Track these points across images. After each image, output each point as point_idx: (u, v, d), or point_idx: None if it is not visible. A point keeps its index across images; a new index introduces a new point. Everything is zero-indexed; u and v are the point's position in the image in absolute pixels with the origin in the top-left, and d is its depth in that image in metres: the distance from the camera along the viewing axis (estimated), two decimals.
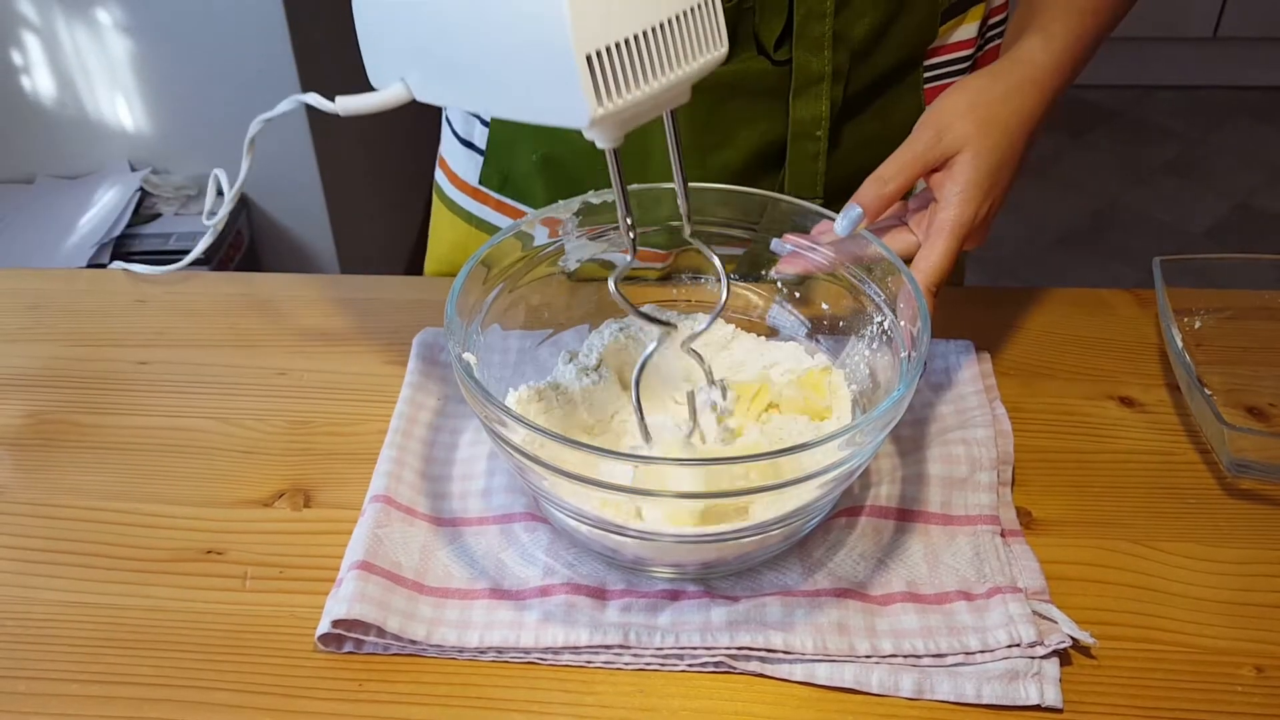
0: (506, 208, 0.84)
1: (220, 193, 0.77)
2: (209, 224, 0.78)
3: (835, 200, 0.67)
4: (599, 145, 0.51)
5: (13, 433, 0.71)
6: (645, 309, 0.61)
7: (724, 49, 0.53)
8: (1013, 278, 2.29)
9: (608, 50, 0.47)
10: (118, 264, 0.85)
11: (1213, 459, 0.68)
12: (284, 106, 0.64)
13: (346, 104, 0.59)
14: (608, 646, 0.56)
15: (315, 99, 0.61)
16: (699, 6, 0.51)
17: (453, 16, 0.52)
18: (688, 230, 0.60)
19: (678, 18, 0.50)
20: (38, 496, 0.67)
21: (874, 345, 0.65)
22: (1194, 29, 2.71)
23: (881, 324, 0.64)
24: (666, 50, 0.50)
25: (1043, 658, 0.55)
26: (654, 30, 0.49)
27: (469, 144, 0.84)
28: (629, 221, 0.56)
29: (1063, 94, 0.68)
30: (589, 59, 0.47)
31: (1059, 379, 0.74)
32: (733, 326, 0.71)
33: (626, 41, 0.48)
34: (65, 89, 1.67)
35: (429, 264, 0.93)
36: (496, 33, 0.50)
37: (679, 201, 0.59)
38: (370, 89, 0.59)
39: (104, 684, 0.56)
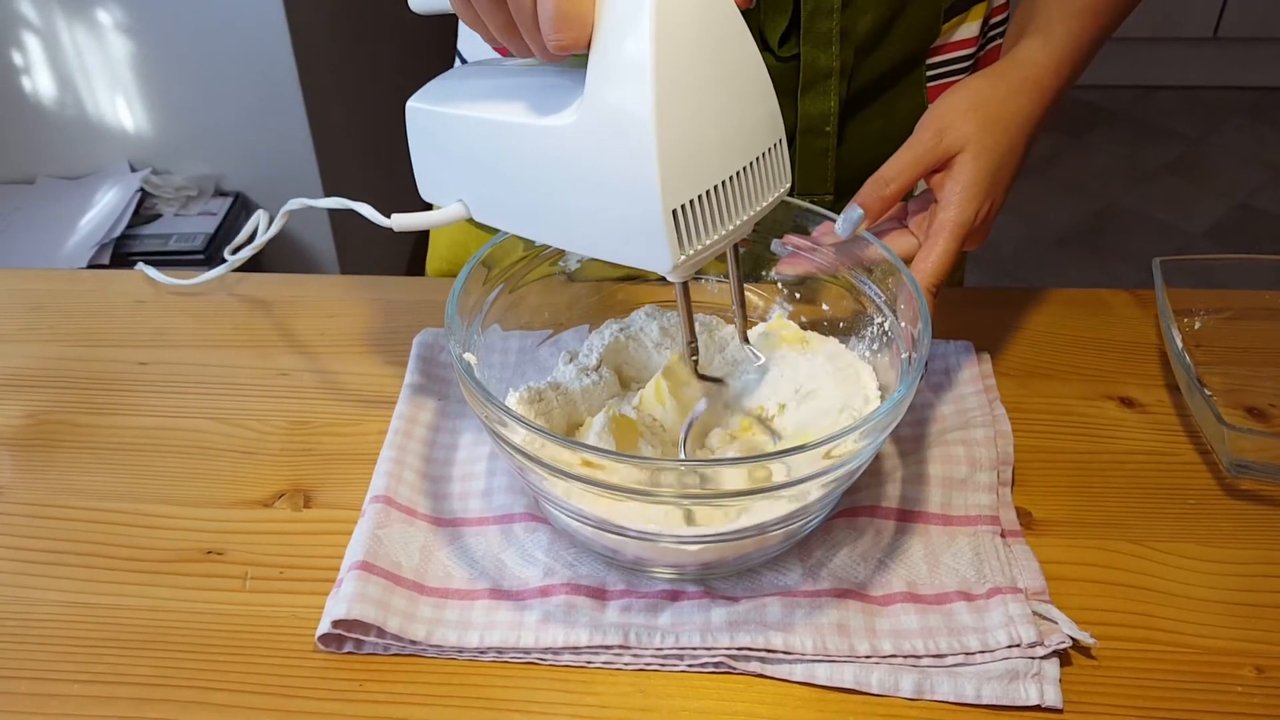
0: None
1: (252, 236, 0.77)
2: (230, 258, 0.78)
3: (840, 197, 0.67)
4: (671, 280, 0.54)
5: (13, 433, 0.71)
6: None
7: (788, 183, 0.55)
8: (1013, 278, 2.29)
9: (691, 204, 0.49)
10: (141, 266, 0.85)
11: (1213, 459, 0.68)
12: (331, 204, 0.65)
13: (402, 221, 0.60)
14: (608, 647, 0.56)
15: (369, 211, 0.62)
16: (770, 149, 0.53)
17: (525, 153, 0.53)
18: (740, 339, 0.63)
19: (752, 164, 0.52)
20: (38, 497, 0.67)
21: (874, 346, 0.65)
22: (1194, 29, 2.71)
23: (882, 325, 0.64)
24: (742, 194, 0.52)
25: (1043, 658, 0.55)
26: (731, 179, 0.51)
27: None
28: (694, 345, 0.60)
29: (1064, 95, 0.68)
30: (674, 213, 0.49)
31: (1059, 379, 0.74)
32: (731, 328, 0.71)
33: (707, 193, 0.50)
34: (65, 89, 1.67)
35: (430, 263, 0.93)
36: (575, 178, 0.52)
37: (736, 322, 0.62)
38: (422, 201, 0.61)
39: (104, 684, 0.56)
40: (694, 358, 0.60)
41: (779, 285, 0.71)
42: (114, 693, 0.55)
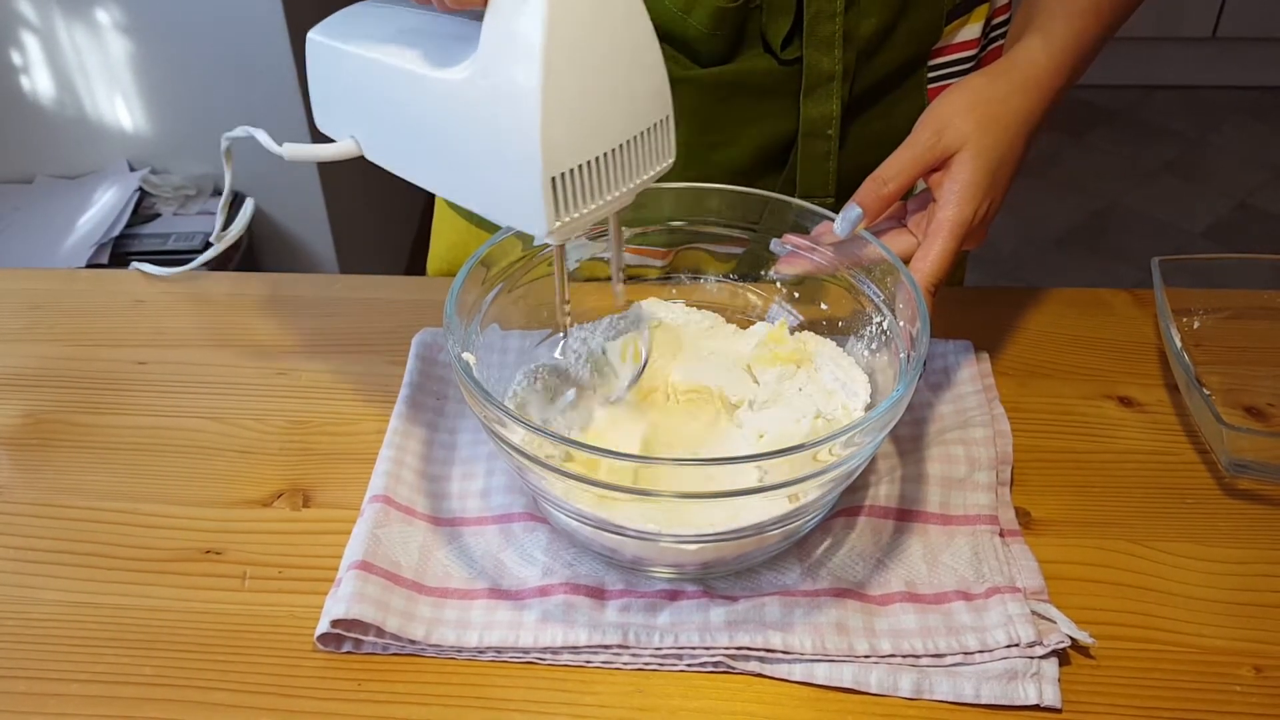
0: None
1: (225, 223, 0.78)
2: (215, 244, 0.78)
3: (842, 199, 0.67)
4: (547, 243, 0.54)
5: (12, 433, 0.71)
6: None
7: (672, 159, 0.55)
8: (1012, 278, 2.29)
9: (570, 173, 0.50)
10: (136, 265, 0.85)
11: (1211, 459, 0.68)
12: (236, 133, 0.66)
13: (293, 150, 0.61)
14: (606, 646, 0.56)
15: (264, 138, 0.63)
16: (655, 125, 0.53)
17: (415, 101, 0.54)
18: (618, 303, 0.64)
19: (637, 137, 0.52)
20: (37, 496, 0.67)
21: (873, 346, 0.65)
22: (1193, 29, 2.71)
23: (880, 324, 0.64)
24: (623, 167, 0.52)
25: (1041, 658, 0.55)
26: (613, 151, 0.51)
27: None
28: (566, 307, 0.60)
29: (1064, 94, 0.68)
30: (553, 181, 0.49)
31: (1058, 379, 0.74)
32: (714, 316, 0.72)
33: (588, 163, 0.50)
34: (65, 89, 1.67)
35: (430, 263, 0.93)
36: (460, 133, 0.52)
37: (614, 285, 0.63)
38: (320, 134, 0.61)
39: (104, 684, 0.56)
40: (567, 318, 0.61)
41: (778, 285, 0.71)
42: (113, 692, 0.55)
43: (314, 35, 0.58)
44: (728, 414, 0.65)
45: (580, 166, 0.50)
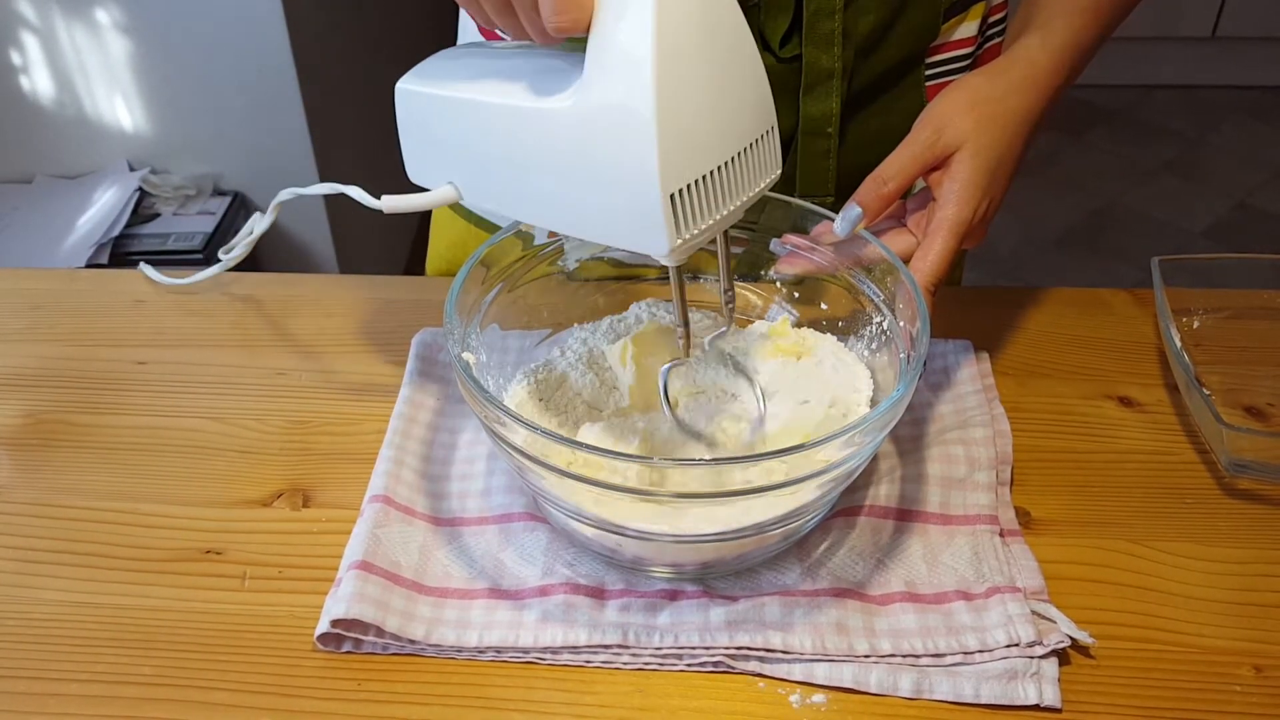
0: None
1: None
2: (224, 258, 0.78)
3: (841, 198, 0.67)
4: (666, 264, 0.54)
5: (12, 433, 0.71)
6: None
7: (779, 169, 0.56)
8: (1012, 278, 2.29)
9: (688, 188, 0.50)
10: (144, 267, 0.85)
11: (1211, 459, 0.68)
12: (323, 189, 0.66)
13: (392, 203, 0.61)
14: (606, 646, 0.56)
15: (360, 194, 0.63)
16: (764, 135, 0.54)
17: (519, 136, 0.53)
18: (727, 322, 0.63)
19: (747, 148, 0.53)
20: (37, 496, 0.67)
21: (873, 346, 0.65)
22: (1192, 29, 2.72)
23: (880, 324, 0.64)
24: (737, 179, 0.52)
25: (1041, 657, 0.55)
26: (727, 164, 0.51)
27: None
28: (683, 330, 0.59)
29: (1063, 93, 0.68)
30: (672, 198, 0.49)
31: (1058, 379, 0.74)
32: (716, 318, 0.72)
33: (705, 177, 0.50)
34: (64, 89, 1.67)
35: (430, 263, 0.93)
36: (571, 161, 0.52)
37: (723, 308, 0.62)
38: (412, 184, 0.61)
39: (104, 684, 0.56)
40: (683, 341, 0.60)
41: (778, 285, 0.71)
42: (113, 692, 0.55)
43: (404, 85, 0.58)
44: (732, 407, 0.65)
45: (697, 181, 0.50)
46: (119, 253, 1.63)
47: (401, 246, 2.23)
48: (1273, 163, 2.59)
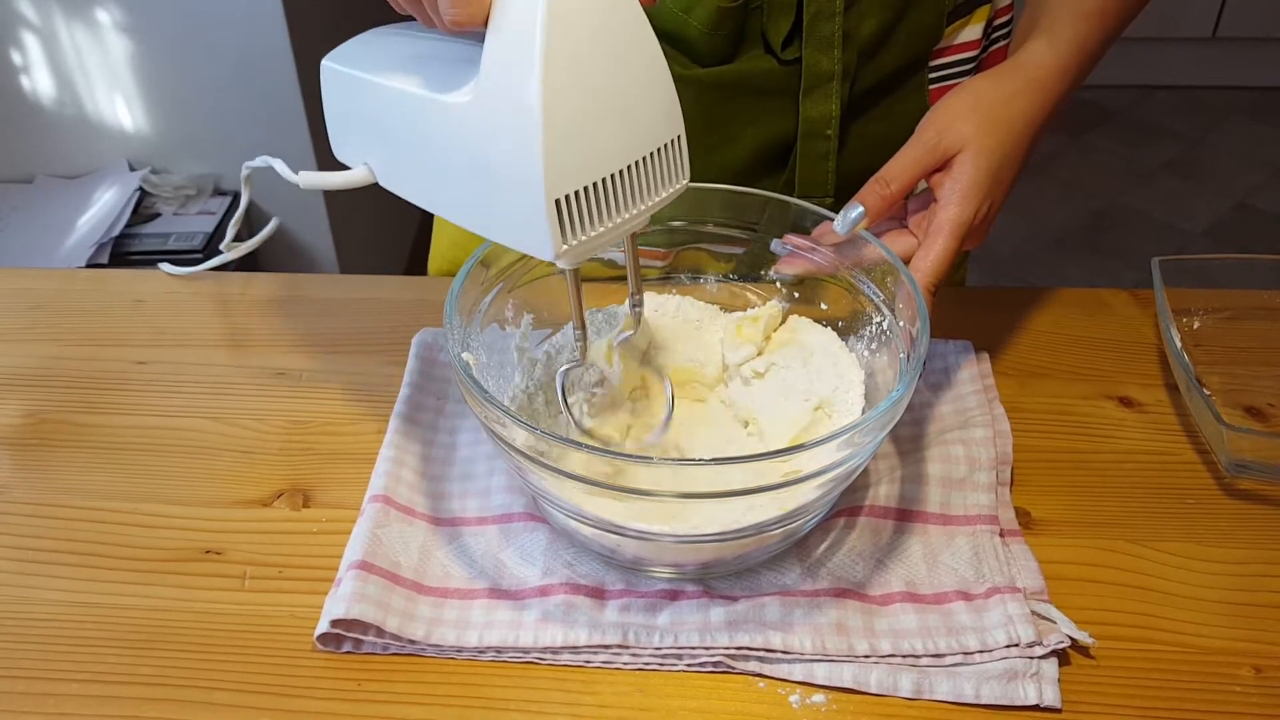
0: None
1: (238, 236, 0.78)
2: (226, 251, 0.78)
3: (840, 200, 0.67)
4: (558, 266, 0.53)
5: (12, 432, 0.71)
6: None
7: (686, 180, 0.54)
8: (1012, 278, 2.29)
9: (576, 195, 0.49)
10: (165, 266, 0.85)
11: (1211, 459, 0.68)
12: (256, 163, 0.66)
13: (309, 179, 0.61)
14: (606, 646, 0.56)
15: (281, 166, 0.63)
16: (665, 146, 0.52)
17: (423, 126, 0.53)
18: (634, 325, 0.63)
19: (645, 158, 0.51)
20: (37, 496, 0.67)
21: (873, 346, 0.65)
22: (1193, 29, 2.72)
23: (880, 324, 0.64)
24: (632, 189, 0.51)
25: (1041, 658, 0.55)
26: (621, 173, 0.50)
27: None
28: (580, 333, 0.59)
29: (1069, 97, 0.68)
30: (557, 203, 0.48)
31: (1058, 379, 0.74)
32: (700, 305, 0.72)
33: (594, 185, 0.49)
34: (65, 89, 1.67)
35: (432, 262, 0.93)
36: (467, 156, 0.51)
37: (630, 310, 0.62)
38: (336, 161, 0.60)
39: (104, 684, 0.56)
40: (580, 343, 0.60)
41: (778, 285, 0.71)
42: (113, 692, 0.55)
43: (328, 62, 0.58)
44: (710, 390, 0.65)
45: (586, 188, 0.49)
46: (119, 253, 1.63)
47: (401, 246, 2.23)
48: (1273, 163, 2.59)
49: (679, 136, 0.53)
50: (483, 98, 0.49)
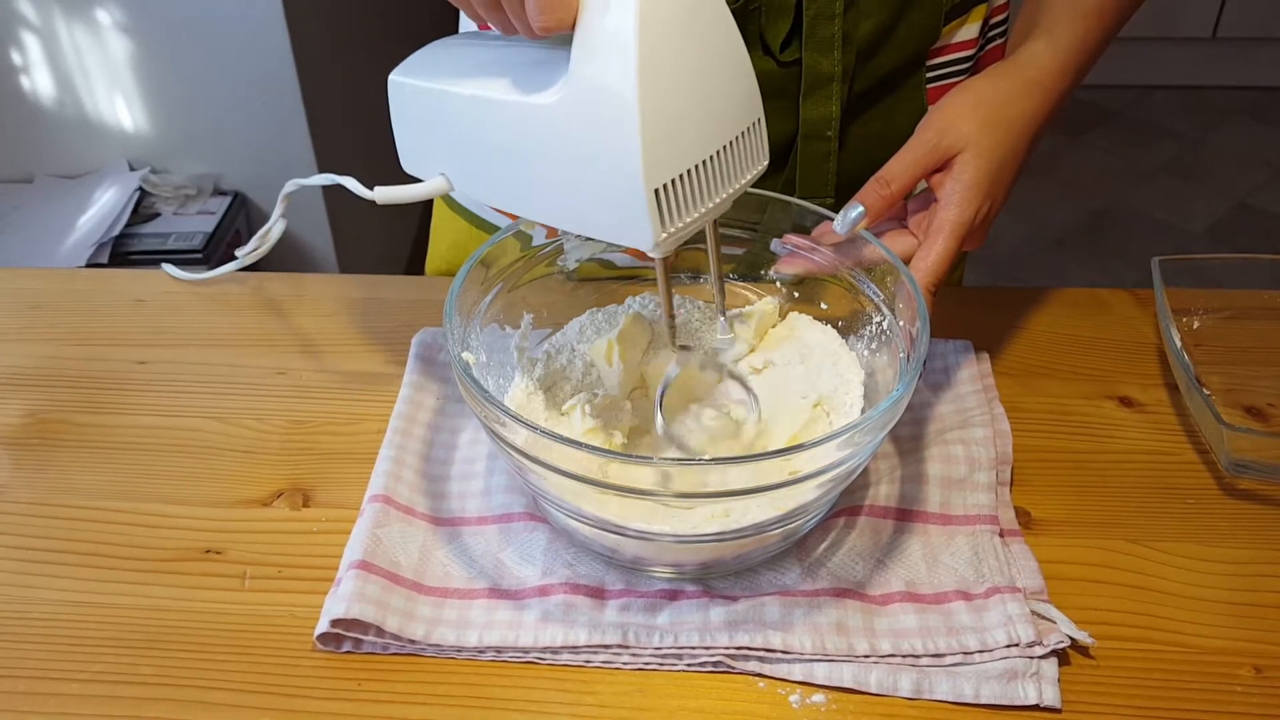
0: None
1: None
2: (240, 255, 0.78)
3: (842, 201, 0.67)
4: (653, 256, 0.54)
5: (12, 432, 0.71)
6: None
7: (765, 161, 0.56)
8: (1012, 278, 2.29)
9: (673, 183, 0.50)
10: (168, 267, 0.85)
11: (1211, 459, 0.68)
12: (321, 180, 0.66)
13: (385, 194, 0.61)
14: (606, 646, 0.56)
15: (353, 184, 0.63)
16: (750, 129, 0.54)
17: (509, 130, 0.53)
18: (719, 311, 0.63)
19: (732, 142, 0.53)
20: (37, 496, 0.67)
21: (873, 346, 0.65)
22: (1193, 29, 2.72)
23: (880, 324, 0.64)
24: (722, 172, 0.53)
25: (1041, 658, 0.55)
26: (712, 157, 0.52)
27: None
28: (669, 321, 0.59)
29: (1068, 97, 0.68)
30: (656, 192, 0.49)
31: (1058, 379, 0.74)
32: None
33: (690, 171, 0.51)
34: (65, 89, 1.67)
35: (430, 263, 0.93)
36: (558, 155, 0.52)
37: (715, 297, 0.62)
38: (406, 174, 0.60)
39: (104, 684, 0.56)
40: (671, 331, 0.60)
41: (778, 285, 0.71)
42: (113, 692, 0.55)
43: (396, 76, 0.58)
44: (711, 390, 0.65)
45: (682, 175, 0.50)
46: (119, 252, 1.63)
47: (401, 246, 2.23)
48: (1273, 163, 2.59)
49: (759, 119, 0.54)
50: (573, 95, 0.50)
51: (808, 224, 0.67)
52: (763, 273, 0.70)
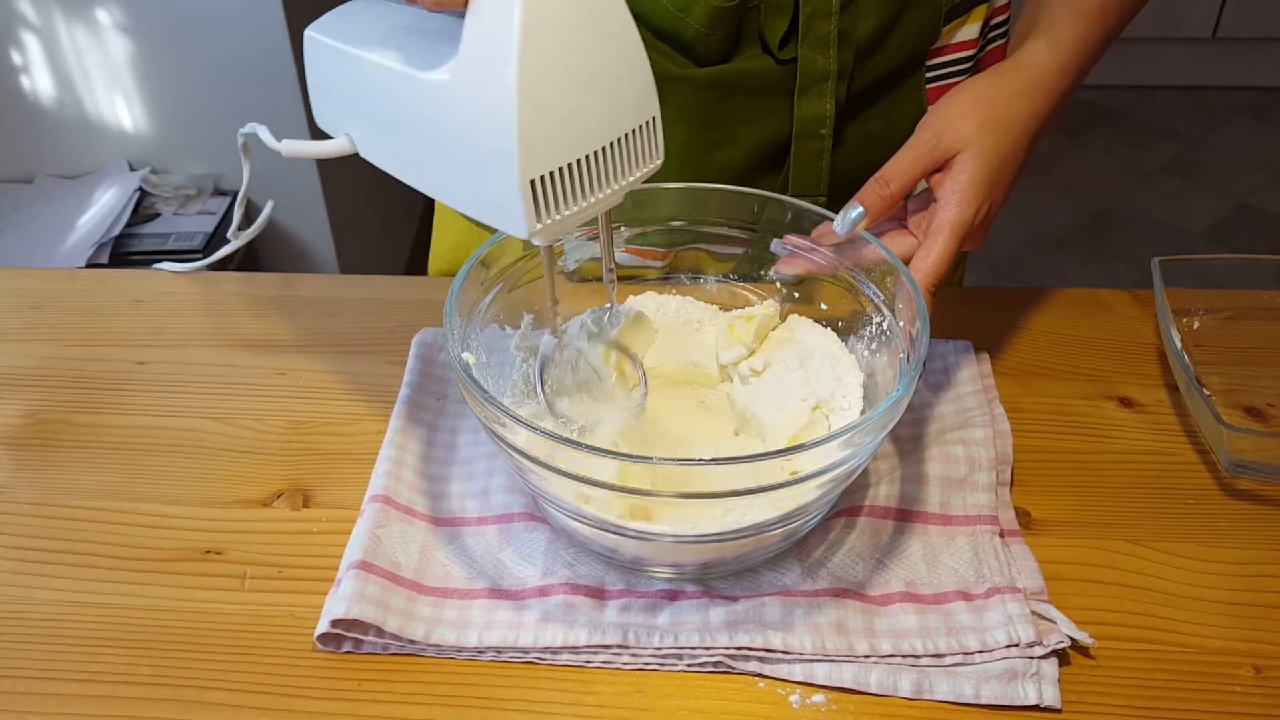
0: None
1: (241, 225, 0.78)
2: (233, 240, 0.78)
3: (837, 200, 0.67)
4: (534, 244, 0.54)
5: (11, 432, 0.71)
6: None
7: (659, 160, 0.55)
8: (1012, 278, 2.29)
9: (550, 175, 0.50)
10: (166, 265, 0.85)
11: (1211, 459, 0.68)
12: (246, 130, 0.67)
13: (291, 147, 0.61)
14: (606, 646, 0.56)
15: (265, 134, 0.63)
16: (641, 127, 0.53)
17: (403, 101, 0.53)
18: (609, 300, 0.64)
19: (619, 140, 0.52)
20: (37, 496, 0.67)
21: (873, 346, 0.65)
22: (1193, 29, 2.72)
23: (880, 324, 0.64)
24: (606, 169, 0.52)
25: (1041, 658, 0.55)
26: (595, 154, 0.51)
27: None
28: (553, 305, 0.60)
29: (1069, 97, 0.68)
30: (531, 184, 0.49)
31: (1058, 379, 0.74)
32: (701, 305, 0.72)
33: (569, 166, 0.50)
34: (65, 89, 1.67)
35: (432, 263, 0.93)
36: (445, 133, 0.52)
37: (607, 288, 0.62)
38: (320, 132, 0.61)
39: (104, 684, 0.56)
40: (555, 318, 0.61)
41: (778, 285, 0.71)
42: (113, 692, 0.55)
43: (311, 32, 0.59)
44: (711, 390, 0.65)
45: (561, 169, 0.50)
46: (119, 252, 1.63)
47: (401, 246, 2.23)
48: (1273, 163, 2.59)
49: (654, 118, 0.54)
50: (461, 77, 0.50)
51: (807, 224, 0.67)
52: (762, 273, 0.70)
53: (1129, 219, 2.45)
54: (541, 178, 0.49)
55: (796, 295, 0.70)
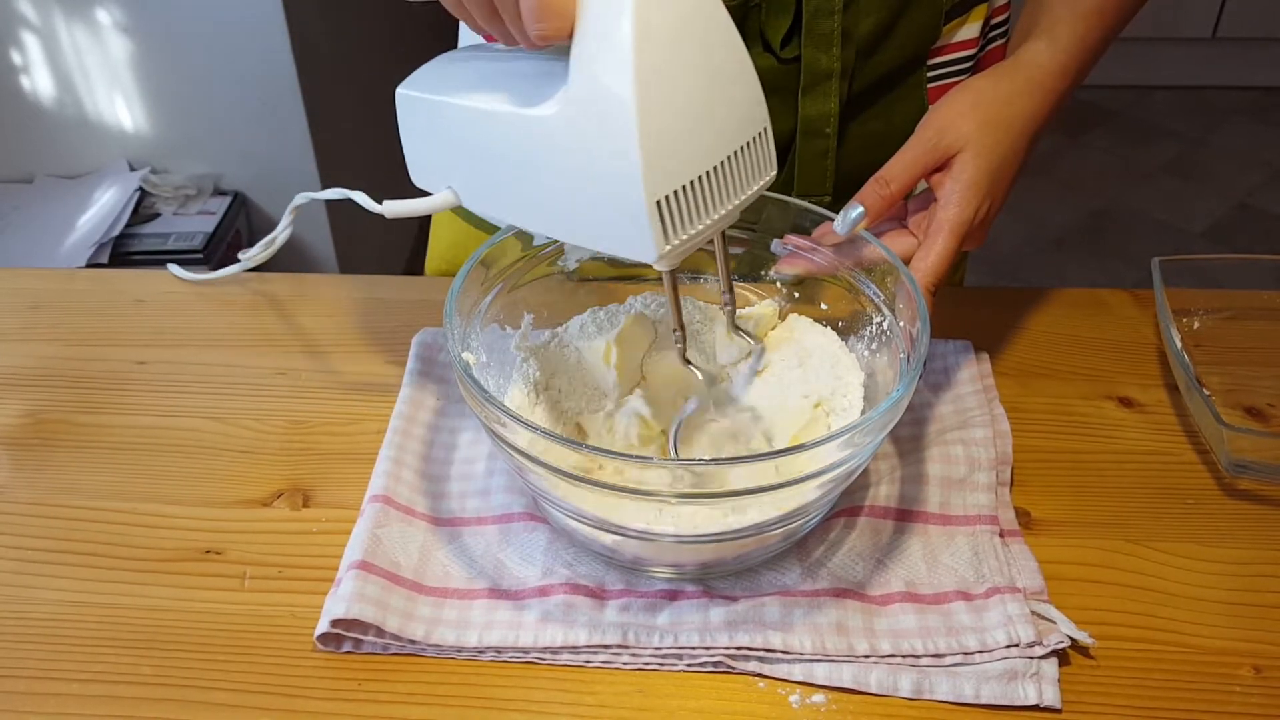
0: None
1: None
2: (243, 258, 0.78)
3: (840, 198, 0.67)
4: (659, 269, 0.54)
5: (11, 432, 0.71)
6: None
7: (774, 171, 0.55)
8: (1012, 278, 2.29)
9: (675, 195, 0.49)
10: (172, 267, 0.85)
11: (1211, 459, 0.68)
12: (331, 195, 0.66)
13: (393, 207, 0.61)
14: (606, 646, 0.56)
15: (364, 199, 0.63)
16: (755, 139, 0.53)
17: (511, 142, 0.53)
18: (729, 327, 0.64)
19: (736, 153, 0.52)
20: (37, 496, 0.67)
21: (873, 346, 0.65)
22: (1193, 29, 2.72)
23: (880, 324, 0.64)
24: (727, 184, 0.52)
25: (1041, 658, 0.55)
26: (715, 169, 0.51)
27: None
28: (680, 334, 0.59)
29: (1069, 97, 0.68)
30: (658, 204, 0.49)
31: (1058, 379, 0.74)
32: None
33: (692, 183, 0.50)
34: (65, 89, 1.67)
35: (429, 262, 0.93)
36: (560, 167, 0.51)
37: (724, 310, 0.63)
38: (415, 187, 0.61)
39: (104, 684, 0.56)
40: (680, 345, 0.60)
41: (778, 285, 0.71)
42: (113, 692, 0.55)
43: (404, 90, 0.58)
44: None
45: (684, 187, 0.49)
46: (119, 253, 1.63)
47: (401, 246, 2.23)
48: (1273, 163, 2.59)
49: (765, 129, 0.54)
50: (572, 107, 0.49)
51: (807, 224, 0.67)
52: (763, 273, 0.70)
53: (1129, 219, 2.45)
54: (667, 197, 0.49)
55: (796, 295, 0.70)
